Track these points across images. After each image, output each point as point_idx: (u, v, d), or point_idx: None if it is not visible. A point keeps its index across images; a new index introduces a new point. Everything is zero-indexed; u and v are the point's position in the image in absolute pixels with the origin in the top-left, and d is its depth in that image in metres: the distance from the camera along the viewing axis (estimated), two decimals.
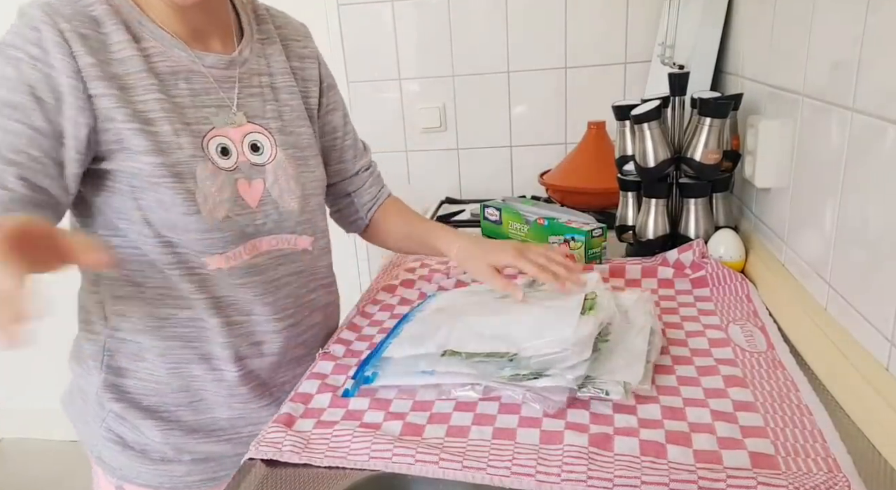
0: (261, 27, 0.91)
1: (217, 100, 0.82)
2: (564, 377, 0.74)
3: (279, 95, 0.89)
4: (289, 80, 0.91)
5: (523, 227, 1.27)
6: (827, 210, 0.83)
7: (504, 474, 0.65)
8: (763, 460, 0.64)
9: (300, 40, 0.96)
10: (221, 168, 0.80)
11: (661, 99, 1.17)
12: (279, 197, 0.86)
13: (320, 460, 0.69)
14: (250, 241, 0.84)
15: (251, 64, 0.87)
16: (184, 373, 0.86)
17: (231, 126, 0.82)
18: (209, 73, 0.82)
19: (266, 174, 0.85)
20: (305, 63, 0.95)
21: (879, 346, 0.70)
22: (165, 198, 0.76)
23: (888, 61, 0.68)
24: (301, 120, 0.91)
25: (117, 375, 0.85)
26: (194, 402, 0.87)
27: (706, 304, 1.00)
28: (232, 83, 0.84)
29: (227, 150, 0.81)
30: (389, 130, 1.94)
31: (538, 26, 1.79)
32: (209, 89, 0.81)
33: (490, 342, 0.81)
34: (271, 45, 0.91)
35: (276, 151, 0.86)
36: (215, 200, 0.79)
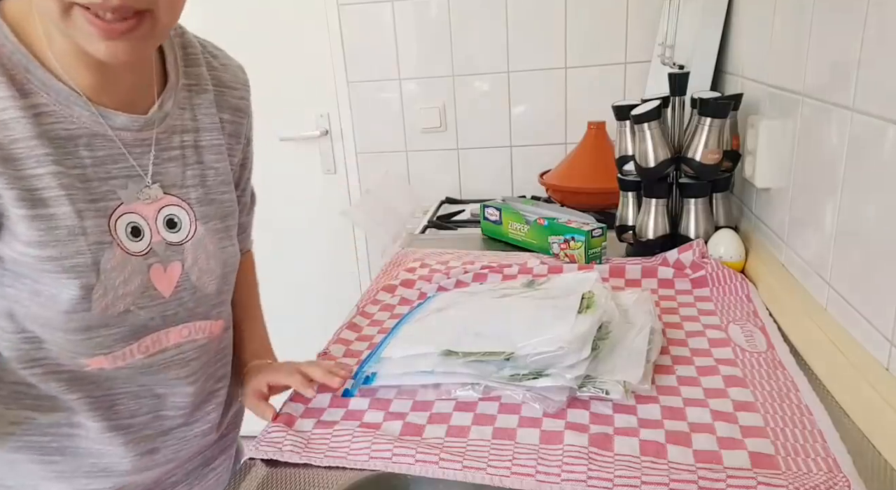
0: (189, 71, 0.74)
1: (126, 169, 0.66)
2: (564, 376, 0.74)
3: (203, 156, 0.73)
4: (217, 136, 0.75)
5: (523, 227, 1.27)
6: (827, 210, 0.83)
7: (504, 474, 0.65)
8: (763, 460, 0.64)
9: (238, 89, 0.79)
10: (132, 253, 0.65)
11: (661, 99, 1.17)
12: (198, 280, 0.71)
13: (320, 460, 0.69)
14: (150, 335, 0.68)
15: (172, 119, 0.70)
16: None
17: (143, 201, 0.67)
18: (118, 136, 0.65)
19: (185, 255, 0.70)
20: (236, 116, 0.78)
21: (879, 345, 0.70)
22: (47, 291, 0.61)
23: (888, 61, 0.68)
24: (225, 185, 0.75)
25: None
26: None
27: (706, 304, 1.00)
28: (146, 147, 0.68)
29: (138, 230, 0.66)
30: (389, 130, 1.94)
31: (538, 26, 1.79)
32: (116, 157, 0.65)
33: (487, 341, 0.81)
34: (201, 94, 0.74)
35: (196, 226, 0.71)
36: (117, 294, 0.64)
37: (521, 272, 1.15)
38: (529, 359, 0.77)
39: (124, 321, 0.65)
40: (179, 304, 0.70)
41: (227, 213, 0.76)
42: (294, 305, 2.14)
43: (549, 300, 0.88)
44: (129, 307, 0.65)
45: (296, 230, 2.08)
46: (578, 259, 1.16)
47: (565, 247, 1.18)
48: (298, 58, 1.94)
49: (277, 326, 0.93)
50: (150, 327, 0.68)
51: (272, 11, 1.90)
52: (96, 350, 0.65)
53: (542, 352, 0.76)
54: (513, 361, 0.77)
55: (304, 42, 1.91)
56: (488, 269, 1.17)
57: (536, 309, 0.86)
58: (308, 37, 1.90)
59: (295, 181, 2.03)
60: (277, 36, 1.93)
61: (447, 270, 1.19)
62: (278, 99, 1.97)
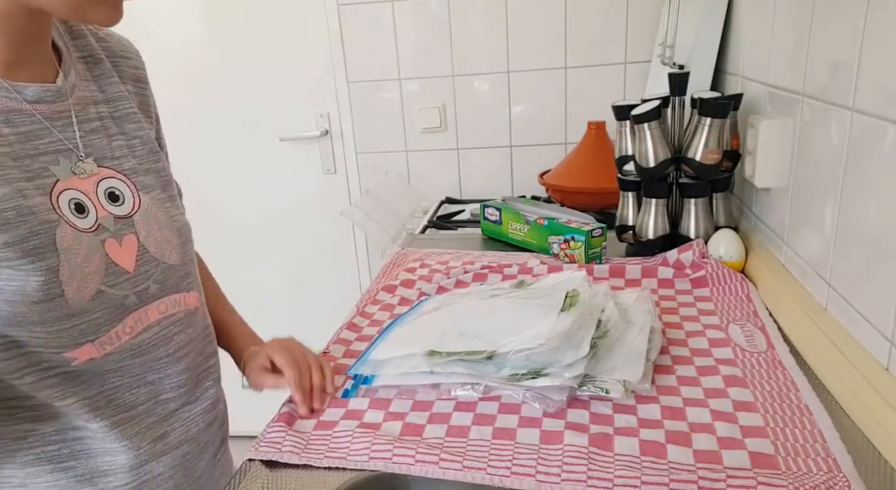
0: (77, 43, 0.70)
1: (54, 144, 0.63)
2: (563, 375, 0.74)
3: (123, 127, 0.71)
4: (129, 105, 0.72)
5: (523, 227, 1.27)
6: (827, 210, 0.83)
7: (504, 474, 0.65)
8: (763, 460, 0.64)
9: (131, 58, 0.76)
10: (81, 230, 0.61)
11: (661, 99, 1.17)
12: (158, 251, 0.69)
13: (320, 461, 0.69)
14: (130, 315, 0.66)
15: (81, 91, 0.67)
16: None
17: (79, 177, 0.64)
18: (35, 109, 0.62)
19: (137, 227, 0.67)
20: (139, 87, 0.76)
21: (879, 345, 0.70)
22: (9, 285, 0.56)
23: (888, 61, 0.68)
24: (154, 153, 0.73)
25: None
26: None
27: (706, 304, 1.00)
28: (67, 120, 0.65)
29: (82, 207, 0.63)
30: (389, 130, 1.94)
31: (538, 26, 1.79)
32: (39, 132, 0.62)
33: (470, 341, 0.81)
34: (98, 64, 0.71)
35: (139, 198, 0.69)
36: (83, 273, 0.61)
37: (521, 272, 1.15)
38: (511, 356, 0.77)
39: (101, 303, 0.63)
40: (147, 278, 0.68)
41: (166, 183, 0.74)
42: (294, 305, 2.14)
43: (533, 299, 0.88)
44: (99, 287, 0.62)
45: (296, 230, 2.08)
46: (578, 259, 1.16)
47: (565, 247, 1.18)
48: (299, 58, 1.94)
49: (277, 326, 0.93)
50: (127, 306, 0.66)
51: (272, 11, 1.90)
52: (82, 337, 0.62)
53: (523, 349, 0.76)
54: (496, 360, 0.78)
55: (304, 42, 1.91)
56: (488, 269, 1.17)
57: (521, 308, 0.86)
58: (308, 37, 1.90)
59: (295, 181, 2.04)
60: (277, 36, 1.93)
61: (447, 270, 1.19)
62: (278, 99, 1.97)
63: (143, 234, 0.68)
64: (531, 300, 0.88)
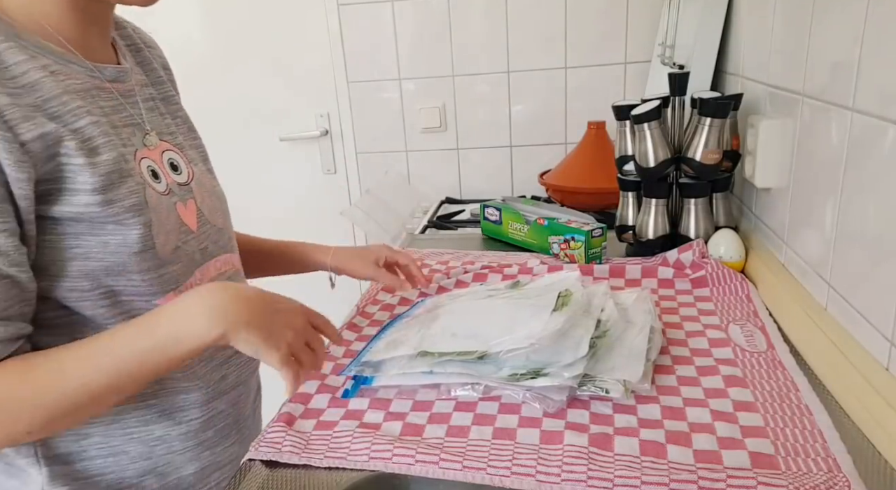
0: (121, 33, 0.79)
1: (129, 118, 0.70)
2: (562, 375, 0.74)
3: (168, 108, 0.80)
4: (168, 89, 0.81)
5: (523, 227, 1.27)
6: (827, 210, 0.83)
7: (504, 474, 0.65)
8: (763, 460, 0.64)
9: (156, 48, 0.85)
10: (159, 193, 0.70)
11: (661, 99, 1.17)
12: (210, 215, 0.78)
13: (320, 461, 0.69)
14: (198, 269, 0.75)
15: (136, 74, 0.76)
16: (143, 437, 0.73)
17: (149, 148, 0.72)
18: (113, 88, 0.70)
19: (194, 193, 0.76)
20: (168, 73, 0.85)
21: (879, 345, 0.70)
22: (114, 238, 0.64)
23: (888, 61, 0.68)
24: (192, 132, 0.83)
25: (62, 463, 0.70)
26: (159, 466, 0.75)
27: (706, 304, 1.00)
28: (133, 97, 0.72)
29: (156, 173, 0.71)
30: (389, 130, 1.94)
31: (538, 26, 1.79)
32: (117, 107, 0.70)
33: (462, 341, 0.81)
34: (139, 52, 0.79)
35: (191, 169, 0.78)
36: (165, 229, 0.69)
37: (521, 272, 1.15)
38: (503, 356, 0.77)
39: (179, 257, 0.71)
40: (206, 238, 0.76)
41: (204, 157, 0.84)
42: None
43: (526, 300, 0.88)
44: (177, 243, 0.71)
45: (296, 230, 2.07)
46: (578, 259, 1.16)
47: (565, 247, 1.18)
48: (299, 58, 1.94)
49: None
50: (196, 261, 0.74)
51: (272, 11, 1.90)
52: (167, 286, 0.70)
53: (514, 348, 0.76)
54: (489, 360, 0.78)
55: (304, 43, 1.91)
56: (488, 269, 1.17)
57: (513, 309, 0.86)
58: (308, 37, 1.90)
59: (295, 181, 2.04)
60: (277, 36, 1.93)
61: (447, 270, 1.19)
62: (278, 99, 1.97)
63: (199, 200, 0.77)
64: (524, 301, 0.88)
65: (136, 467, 0.74)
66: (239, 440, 0.84)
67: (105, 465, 0.72)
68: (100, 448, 0.72)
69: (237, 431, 0.83)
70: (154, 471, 0.75)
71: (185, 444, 0.76)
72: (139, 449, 0.73)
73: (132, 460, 0.73)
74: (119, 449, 0.72)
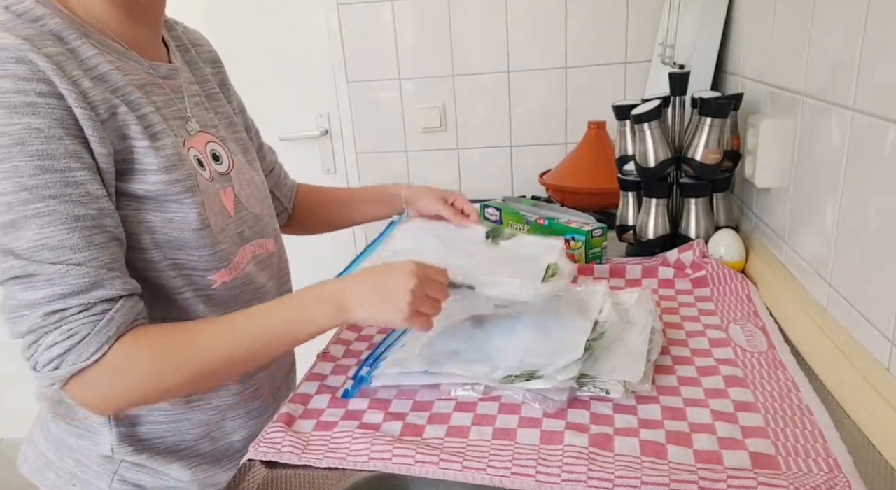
0: (172, 35, 0.86)
1: (178, 111, 0.77)
2: (555, 378, 0.74)
3: (212, 103, 0.87)
4: (213, 86, 0.88)
5: (523, 227, 1.27)
6: (827, 210, 0.82)
7: (504, 475, 0.64)
8: (763, 460, 0.64)
9: (204, 44, 0.93)
10: (205, 179, 0.77)
11: (662, 99, 1.17)
12: (247, 202, 0.84)
13: (319, 461, 0.69)
14: (240, 249, 0.81)
15: (184, 72, 0.83)
16: (202, 405, 0.81)
17: (193, 138, 0.78)
18: (165, 84, 0.77)
19: (232, 182, 0.82)
20: (216, 67, 0.93)
21: (880, 345, 0.69)
22: (177, 215, 0.71)
23: (888, 61, 0.67)
24: (234, 125, 0.89)
25: (131, 425, 0.78)
26: (213, 432, 0.83)
27: (706, 304, 0.99)
28: (180, 94, 0.79)
29: (201, 162, 0.77)
30: (389, 130, 1.94)
31: (538, 26, 1.79)
32: (168, 101, 0.76)
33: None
34: (187, 52, 0.87)
35: (232, 159, 0.84)
36: (214, 211, 0.76)
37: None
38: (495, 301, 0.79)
39: (226, 237, 0.78)
40: (243, 222, 0.82)
41: (246, 149, 0.89)
42: None
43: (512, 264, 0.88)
44: (223, 225, 0.77)
45: None
46: (579, 259, 1.16)
47: (566, 247, 1.18)
48: (298, 57, 1.94)
49: None
50: (238, 242, 0.81)
51: (272, 11, 1.90)
52: (219, 262, 0.76)
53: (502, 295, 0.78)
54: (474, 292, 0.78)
55: (304, 42, 1.91)
56: None
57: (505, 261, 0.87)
58: (308, 37, 1.90)
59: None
60: (277, 36, 1.93)
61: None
62: (278, 99, 1.97)
63: (237, 188, 0.83)
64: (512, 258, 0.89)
65: (194, 432, 0.81)
66: (276, 409, 0.86)
67: (168, 430, 0.79)
68: (165, 413, 0.79)
69: (274, 401, 0.90)
70: (208, 436, 0.82)
71: (237, 413, 0.84)
72: (199, 416, 0.81)
73: (192, 426, 0.81)
74: (182, 415, 0.80)
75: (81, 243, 0.62)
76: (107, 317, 0.63)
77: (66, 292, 0.61)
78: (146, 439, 0.79)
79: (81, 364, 0.62)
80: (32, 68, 0.60)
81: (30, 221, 0.60)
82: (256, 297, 0.83)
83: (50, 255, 0.61)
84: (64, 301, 0.61)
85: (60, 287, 0.61)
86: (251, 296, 0.83)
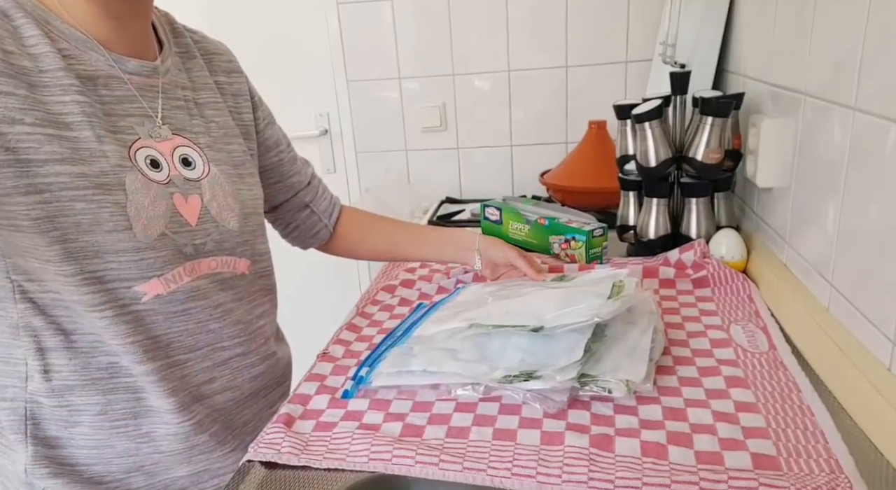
0: (178, 41, 0.85)
1: (140, 109, 0.75)
2: (554, 378, 0.73)
3: (204, 112, 0.83)
4: (213, 95, 0.85)
5: (523, 227, 1.27)
6: (829, 210, 0.82)
7: (504, 475, 0.64)
8: (765, 461, 0.63)
9: (223, 54, 0.91)
10: (153, 180, 0.72)
11: (663, 98, 1.17)
12: (218, 215, 0.79)
13: (319, 462, 0.69)
14: (189, 262, 0.76)
15: (172, 76, 0.80)
16: (130, 432, 0.75)
17: (157, 139, 0.75)
18: (130, 80, 0.74)
19: (202, 190, 0.78)
20: (232, 78, 0.90)
21: (881, 346, 0.69)
22: (86, 217, 0.67)
23: (890, 60, 0.67)
24: (230, 137, 0.86)
25: (48, 446, 0.74)
26: (147, 465, 0.76)
27: (708, 305, 0.99)
28: (155, 93, 0.77)
29: (157, 163, 0.74)
30: (389, 129, 1.94)
31: (538, 26, 1.79)
32: (130, 98, 0.74)
33: (517, 317, 0.80)
34: (191, 59, 0.85)
35: (209, 167, 0.80)
36: (149, 215, 0.71)
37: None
38: (559, 330, 0.76)
39: (165, 245, 0.72)
40: (206, 235, 0.77)
41: (238, 162, 0.85)
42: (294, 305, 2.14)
43: (579, 287, 0.89)
44: (164, 231, 0.72)
45: None
46: (579, 259, 1.16)
47: (566, 247, 1.18)
48: (298, 57, 1.93)
49: None
50: (186, 254, 0.75)
51: (272, 11, 1.90)
52: (149, 272, 0.72)
53: (573, 322, 0.76)
54: (542, 333, 0.77)
55: (303, 41, 1.91)
56: None
57: (568, 293, 0.86)
58: (308, 36, 1.90)
59: None
60: (277, 35, 1.93)
61: (447, 270, 1.19)
62: (278, 98, 1.95)
63: (207, 197, 0.78)
64: (576, 288, 0.88)
65: (121, 462, 0.76)
66: (240, 447, 0.84)
67: (90, 456, 0.75)
68: (87, 437, 0.74)
69: (234, 438, 0.84)
70: (141, 469, 0.77)
71: (175, 445, 0.77)
72: (125, 444, 0.75)
73: (118, 455, 0.75)
74: (105, 442, 0.75)
75: None
76: None
77: None
78: (66, 464, 0.74)
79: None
80: None
81: None
82: (212, 317, 0.79)
83: None
84: None
85: None
86: (207, 316, 0.78)
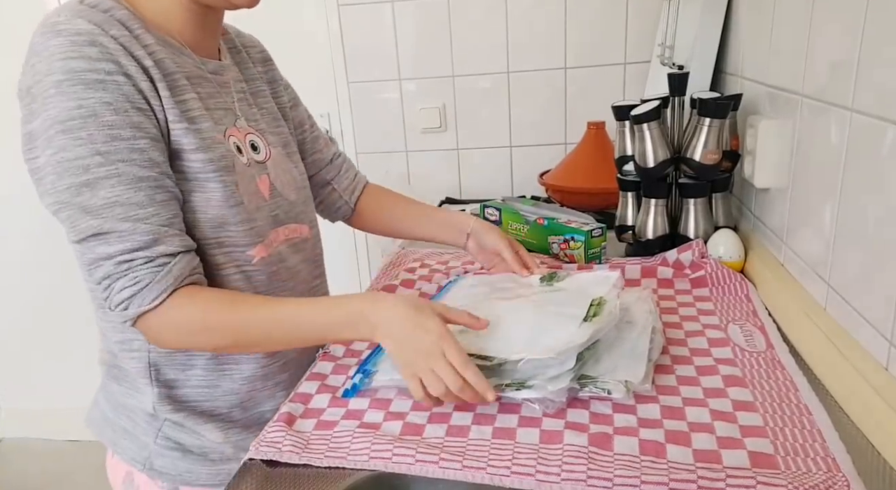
0: (225, 37, 0.96)
1: (223, 104, 0.86)
2: (545, 388, 0.73)
3: (257, 100, 0.95)
4: (260, 84, 0.97)
5: (523, 227, 1.27)
6: (826, 210, 0.83)
7: (504, 474, 0.65)
8: (762, 460, 0.64)
9: (256, 46, 1.03)
10: (242, 163, 0.84)
11: (661, 99, 1.17)
12: (283, 190, 0.91)
13: (320, 460, 0.69)
14: (273, 229, 0.88)
15: (232, 71, 0.91)
16: (234, 375, 0.87)
17: (239, 129, 0.87)
18: (212, 78, 0.85)
19: (269, 170, 0.90)
20: (267, 66, 1.02)
21: (878, 345, 0.70)
22: (215, 194, 0.79)
23: (887, 62, 0.68)
24: (277, 121, 0.97)
25: (170, 387, 0.86)
26: (244, 401, 0.89)
27: (705, 304, 1.00)
28: (227, 88, 0.88)
29: (240, 149, 0.85)
30: (389, 130, 1.94)
31: (538, 26, 1.79)
32: (214, 94, 0.85)
33: (484, 343, 0.79)
34: (237, 53, 0.96)
35: (270, 150, 0.91)
36: (249, 191, 0.83)
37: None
38: (520, 365, 0.75)
39: (260, 216, 0.85)
40: (277, 207, 0.89)
41: (285, 142, 0.97)
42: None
43: (556, 307, 0.86)
44: (257, 205, 0.84)
45: None
46: (578, 259, 1.16)
47: (565, 247, 1.18)
48: (299, 58, 1.93)
49: None
50: (272, 223, 0.88)
51: (272, 12, 1.90)
52: (256, 238, 0.84)
53: (532, 360, 0.74)
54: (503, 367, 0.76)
55: (304, 43, 1.91)
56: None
57: (541, 316, 0.84)
58: (309, 37, 1.90)
59: None
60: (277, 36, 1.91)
61: (447, 270, 1.19)
62: None
63: (273, 176, 0.90)
64: (553, 308, 0.86)
65: (226, 400, 0.88)
66: None
67: (201, 394, 0.87)
68: (200, 379, 0.86)
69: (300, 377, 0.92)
70: (240, 404, 0.89)
71: (266, 385, 0.90)
72: (229, 385, 0.87)
73: (224, 393, 0.87)
74: (214, 383, 0.87)
75: (146, 200, 0.72)
76: (166, 269, 0.73)
77: (133, 247, 0.72)
78: (183, 401, 0.87)
79: (145, 307, 0.72)
80: (102, 50, 0.70)
81: (102, 182, 0.70)
82: (291, 277, 0.91)
83: (120, 210, 0.71)
84: (132, 254, 0.72)
85: (129, 243, 0.71)
86: (287, 275, 0.90)
